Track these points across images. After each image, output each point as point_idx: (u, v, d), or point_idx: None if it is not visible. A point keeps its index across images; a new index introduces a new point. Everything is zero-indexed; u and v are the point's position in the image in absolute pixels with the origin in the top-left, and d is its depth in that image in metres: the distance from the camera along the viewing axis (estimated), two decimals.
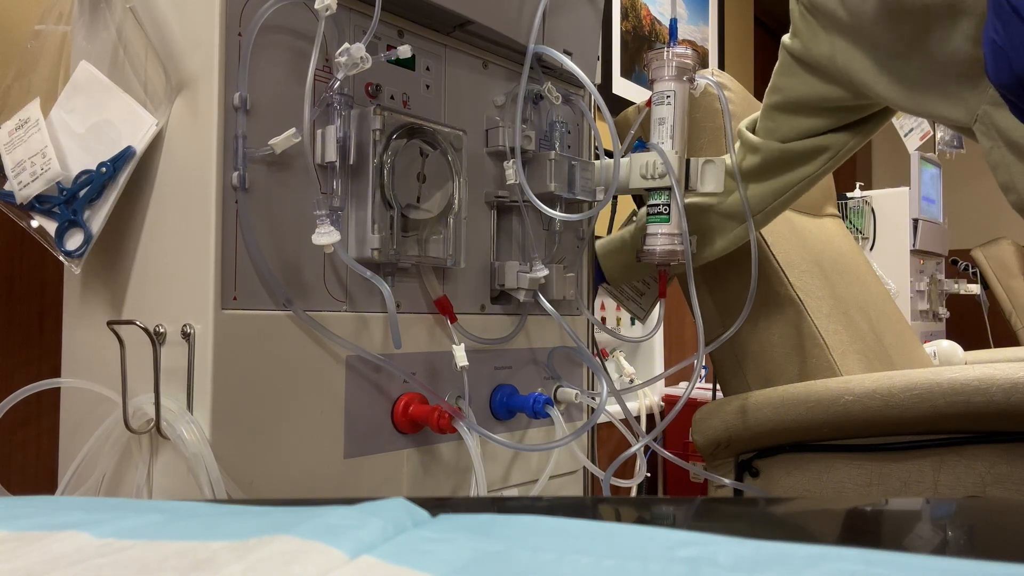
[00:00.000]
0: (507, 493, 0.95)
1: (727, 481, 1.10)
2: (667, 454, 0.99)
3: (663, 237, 0.99)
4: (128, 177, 0.72)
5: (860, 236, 2.68)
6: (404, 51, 0.76)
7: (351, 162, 0.75)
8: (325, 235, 0.70)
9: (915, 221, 2.64)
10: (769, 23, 3.46)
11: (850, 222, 2.69)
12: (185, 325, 0.68)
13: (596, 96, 0.92)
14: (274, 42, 0.72)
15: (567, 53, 0.96)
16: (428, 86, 0.85)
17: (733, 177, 1.03)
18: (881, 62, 0.85)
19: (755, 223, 1.05)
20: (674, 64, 0.98)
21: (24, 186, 0.73)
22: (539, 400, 0.92)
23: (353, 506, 0.36)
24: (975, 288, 3.00)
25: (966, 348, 1.76)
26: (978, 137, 0.80)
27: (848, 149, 0.99)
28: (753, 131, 1.02)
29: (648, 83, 1.01)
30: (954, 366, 0.99)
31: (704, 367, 2.28)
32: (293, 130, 0.69)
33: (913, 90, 0.83)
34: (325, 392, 0.75)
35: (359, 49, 0.71)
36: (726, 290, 1.18)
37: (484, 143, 0.92)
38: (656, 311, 1.13)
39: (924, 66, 0.81)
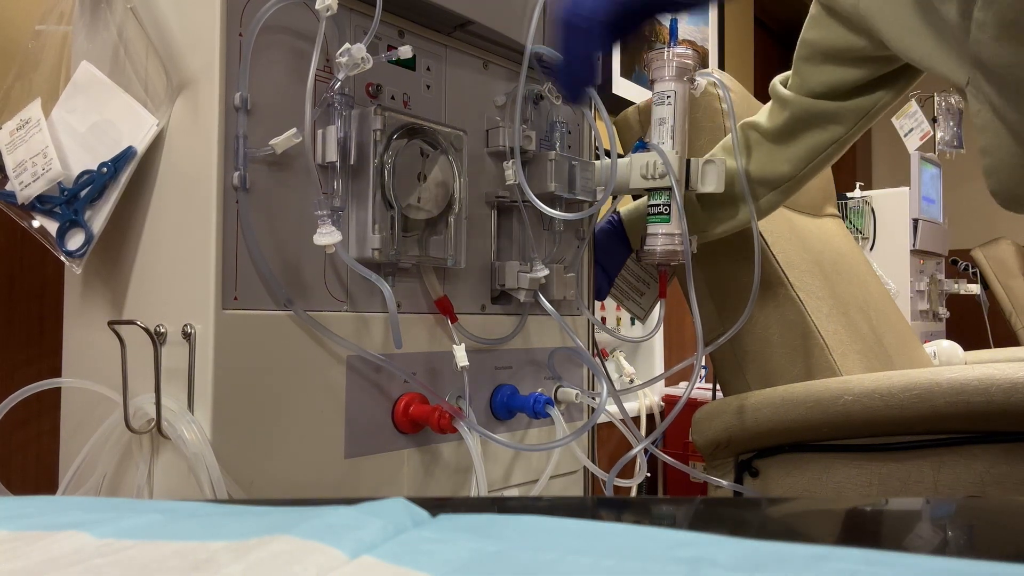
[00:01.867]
0: (507, 493, 0.95)
1: (725, 483, 1.10)
2: (666, 457, 0.99)
3: (663, 237, 0.99)
4: (129, 177, 0.73)
5: (860, 236, 2.68)
6: (405, 51, 0.76)
7: (352, 162, 0.75)
8: (327, 235, 0.70)
9: (915, 221, 2.64)
10: (769, 23, 3.46)
11: (850, 222, 2.69)
12: (186, 325, 0.68)
13: (594, 97, 0.92)
14: (275, 42, 0.72)
15: None
16: (429, 86, 0.86)
17: (736, 155, 1.02)
18: (898, 9, 0.83)
19: (786, 189, 1.02)
20: (674, 64, 0.98)
21: (25, 186, 0.73)
22: (539, 400, 0.92)
23: (353, 506, 0.36)
24: (975, 288, 3.00)
25: (966, 348, 1.76)
26: (968, 99, 0.79)
27: (881, 106, 0.96)
28: (785, 87, 1.00)
29: (648, 83, 1.01)
30: (954, 366, 0.99)
31: (704, 367, 2.28)
32: (294, 130, 0.69)
33: (923, 41, 0.81)
34: (325, 392, 0.75)
35: (360, 50, 0.71)
36: (726, 290, 1.18)
37: (484, 143, 0.92)
38: (656, 311, 1.14)
39: (932, 18, 0.79)
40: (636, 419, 2.02)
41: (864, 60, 0.92)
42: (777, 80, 1.02)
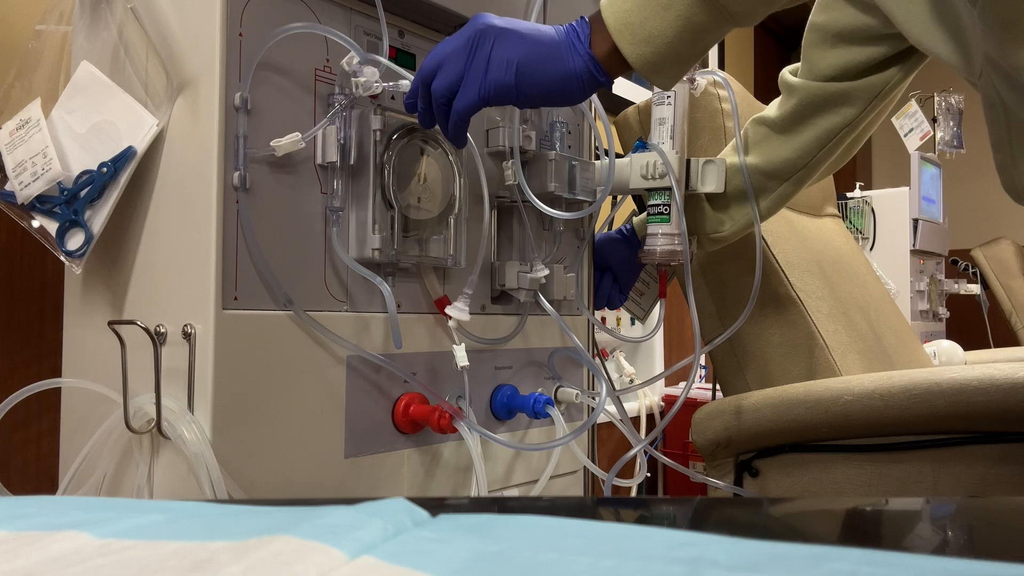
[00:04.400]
0: (507, 493, 0.95)
1: (722, 484, 1.10)
2: (663, 458, 0.99)
3: (663, 237, 0.99)
4: (129, 177, 0.73)
5: (860, 236, 2.68)
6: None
7: (352, 162, 0.75)
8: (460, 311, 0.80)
9: (915, 221, 2.64)
10: (769, 23, 3.46)
11: (850, 222, 2.69)
12: (186, 325, 0.68)
13: (593, 98, 0.92)
14: (275, 43, 0.72)
15: None
16: None
17: (739, 150, 1.01)
18: None
19: (798, 179, 1.01)
20: None
21: (25, 186, 0.73)
22: (539, 400, 0.92)
23: (353, 506, 0.36)
24: (975, 288, 3.00)
25: (966, 348, 1.76)
26: (980, 93, 0.77)
27: (893, 84, 0.94)
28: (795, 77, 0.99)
29: (648, 83, 1.01)
30: (954, 366, 0.99)
31: (704, 367, 2.28)
32: (298, 136, 0.70)
33: (936, 31, 0.78)
34: (325, 392, 0.75)
35: (374, 72, 0.73)
36: (726, 290, 1.18)
37: (484, 143, 0.92)
38: (656, 311, 1.14)
39: (945, 8, 0.77)
40: (636, 419, 2.02)
41: (875, 39, 0.91)
42: (786, 70, 1.00)
